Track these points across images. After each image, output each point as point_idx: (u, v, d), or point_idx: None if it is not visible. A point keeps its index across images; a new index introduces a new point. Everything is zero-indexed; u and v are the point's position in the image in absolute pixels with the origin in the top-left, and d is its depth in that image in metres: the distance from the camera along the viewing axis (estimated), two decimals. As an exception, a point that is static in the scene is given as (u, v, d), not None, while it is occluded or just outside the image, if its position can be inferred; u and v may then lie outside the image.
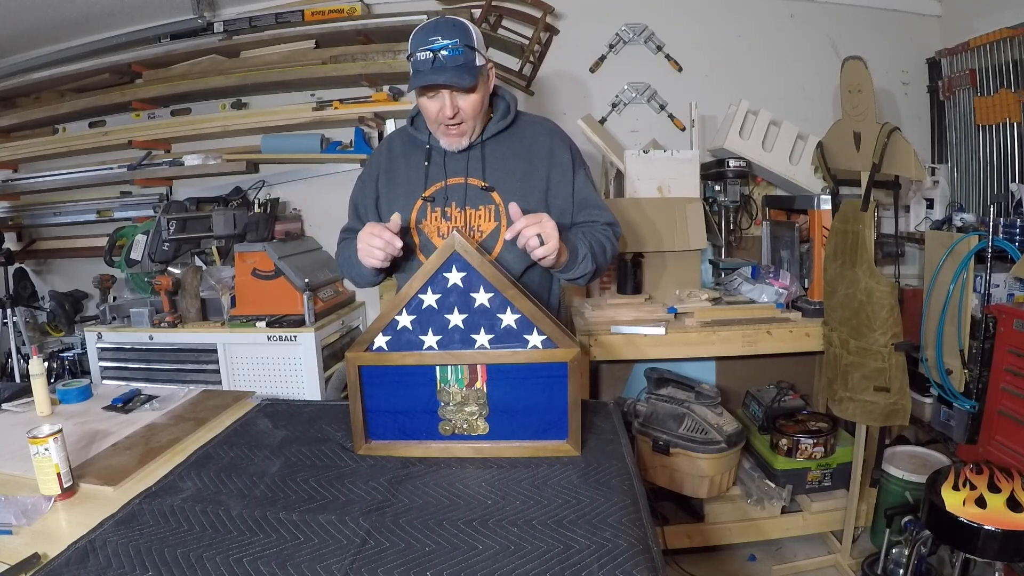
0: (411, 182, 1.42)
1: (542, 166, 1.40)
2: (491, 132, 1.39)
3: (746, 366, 2.57)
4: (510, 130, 1.41)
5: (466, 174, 1.38)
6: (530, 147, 1.40)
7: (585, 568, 0.85)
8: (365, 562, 0.88)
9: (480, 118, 1.36)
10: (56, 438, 1.08)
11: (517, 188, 1.37)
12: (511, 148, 1.40)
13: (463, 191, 1.37)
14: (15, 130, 3.20)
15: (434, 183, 1.39)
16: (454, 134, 1.34)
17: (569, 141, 1.46)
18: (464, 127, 1.33)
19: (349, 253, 1.40)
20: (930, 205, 2.61)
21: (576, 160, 1.43)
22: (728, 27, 2.87)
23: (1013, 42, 2.32)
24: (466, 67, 1.26)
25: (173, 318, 2.58)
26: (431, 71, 1.25)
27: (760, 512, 2.25)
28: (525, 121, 1.44)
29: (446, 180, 1.39)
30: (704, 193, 2.54)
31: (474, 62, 1.27)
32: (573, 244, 1.31)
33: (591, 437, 1.25)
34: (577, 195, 1.42)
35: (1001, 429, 1.76)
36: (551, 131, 1.44)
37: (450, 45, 1.24)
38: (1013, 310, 1.74)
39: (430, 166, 1.40)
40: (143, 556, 0.91)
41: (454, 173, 1.39)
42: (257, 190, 2.92)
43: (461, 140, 1.36)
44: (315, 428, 1.38)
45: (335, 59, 2.69)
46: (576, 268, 1.34)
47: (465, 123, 1.33)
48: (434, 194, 1.39)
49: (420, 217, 1.39)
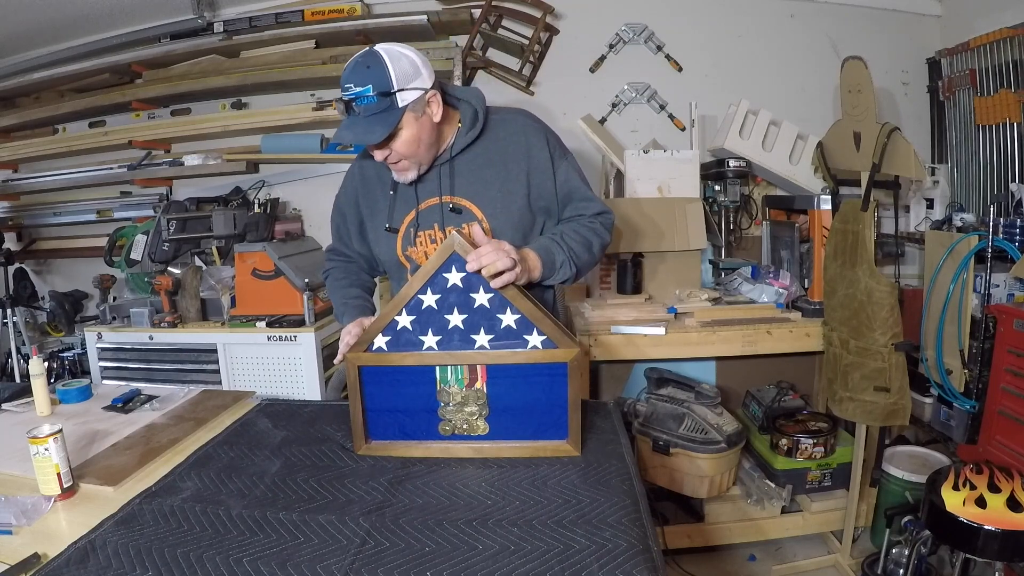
0: (383, 213, 1.38)
1: (520, 169, 1.32)
2: (460, 146, 1.31)
3: (746, 366, 2.57)
4: (481, 138, 1.32)
5: (439, 194, 1.32)
6: (504, 150, 1.32)
7: (585, 568, 0.85)
8: (365, 562, 0.88)
9: (429, 147, 1.27)
10: (56, 438, 1.08)
11: (497, 198, 1.31)
12: (485, 157, 1.32)
13: (439, 212, 1.32)
14: (15, 130, 3.21)
15: (407, 211, 1.35)
16: (401, 172, 1.29)
17: (545, 132, 1.36)
18: (404, 164, 1.27)
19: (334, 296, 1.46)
20: (930, 205, 2.61)
21: (555, 152, 1.34)
22: (728, 27, 2.87)
23: (1013, 42, 2.32)
24: (379, 118, 1.17)
25: (173, 318, 2.58)
26: (343, 125, 1.19)
27: (760, 512, 2.25)
28: (496, 122, 1.34)
29: (417, 206, 1.34)
30: (704, 193, 2.54)
31: (392, 106, 1.17)
32: (548, 253, 1.26)
33: (591, 437, 1.25)
34: (560, 189, 1.35)
35: (1001, 429, 1.76)
36: (524, 127, 1.34)
37: (364, 94, 1.15)
38: (1013, 310, 1.74)
39: (397, 195, 1.35)
40: (143, 556, 0.91)
41: (427, 195, 1.33)
42: (257, 190, 2.92)
43: (408, 175, 1.29)
44: (315, 428, 1.38)
45: (335, 59, 2.69)
46: (555, 275, 1.28)
47: (404, 161, 1.26)
48: (409, 223, 1.35)
49: (405, 245, 1.36)
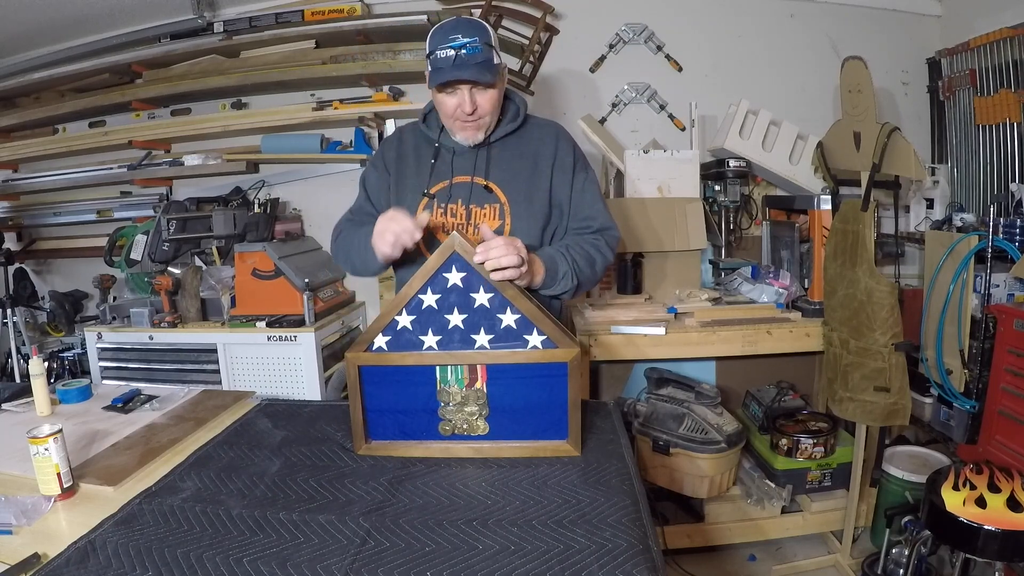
0: (419, 177, 1.43)
1: (546, 166, 1.42)
2: (500, 134, 1.41)
3: (746, 366, 2.57)
4: (517, 132, 1.43)
5: (472, 173, 1.40)
6: (536, 148, 1.43)
7: (585, 568, 0.85)
8: (365, 562, 0.88)
9: (496, 115, 1.38)
10: (56, 438, 1.08)
11: (523, 189, 1.40)
12: (518, 150, 1.43)
13: (468, 189, 1.39)
14: (15, 130, 3.20)
15: (440, 180, 1.41)
16: (471, 128, 1.36)
17: (574, 144, 1.48)
18: (481, 122, 1.36)
19: (354, 238, 1.38)
20: (930, 205, 2.61)
21: (579, 163, 1.45)
22: (728, 27, 2.87)
23: (1013, 42, 2.32)
24: (486, 64, 1.28)
25: (173, 318, 2.58)
26: (452, 67, 1.27)
27: (760, 512, 2.25)
28: (533, 124, 1.47)
29: (452, 178, 1.41)
30: (704, 193, 2.54)
31: (492, 60, 1.30)
32: (553, 262, 1.29)
33: (591, 437, 1.25)
34: (575, 196, 1.44)
35: (1001, 429, 1.76)
36: (557, 134, 1.47)
37: (469, 43, 1.26)
38: (1013, 310, 1.74)
39: (437, 163, 1.42)
40: (143, 556, 0.91)
41: (461, 171, 1.41)
42: (257, 190, 2.92)
43: (478, 134, 1.38)
44: (315, 428, 1.38)
45: (335, 59, 2.69)
46: (556, 285, 1.31)
47: (483, 118, 1.35)
48: (439, 192, 1.41)
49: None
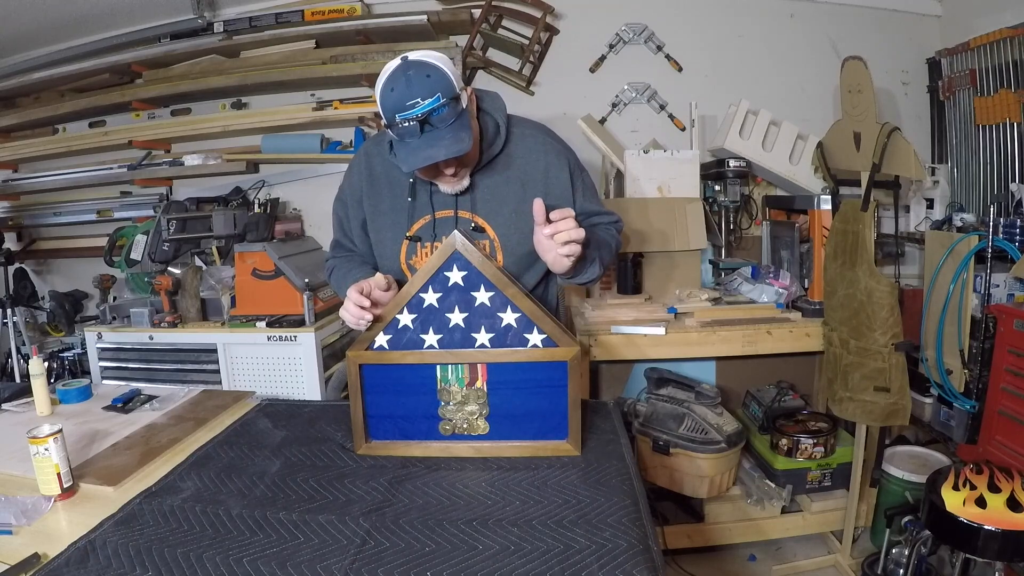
0: (396, 213, 1.33)
1: (536, 191, 1.27)
2: (483, 162, 1.29)
3: (746, 366, 2.57)
4: (502, 153, 1.30)
5: (455, 207, 1.30)
6: (523, 169, 1.30)
7: (585, 568, 0.85)
8: (365, 562, 0.88)
9: (476, 152, 1.26)
10: (56, 438, 1.08)
11: (511, 219, 1.30)
12: (503, 176, 1.30)
13: (452, 225, 1.29)
14: (15, 130, 3.20)
15: (421, 216, 1.32)
16: (454, 181, 1.26)
17: (565, 153, 1.35)
18: (464, 171, 1.26)
19: (342, 283, 1.34)
20: (930, 205, 2.61)
21: (575, 175, 1.34)
22: (728, 27, 2.87)
23: (1013, 42, 2.31)
24: (460, 124, 1.12)
25: (173, 318, 2.58)
26: (423, 145, 1.11)
27: (760, 512, 2.25)
28: (516, 136, 1.32)
29: (434, 214, 1.31)
30: (704, 193, 2.53)
31: (462, 109, 1.13)
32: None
33: (591, 437, 1.25)
34: (579, 211, 1.32)
35: (1001, 429, 1.76)
36: (545, 147, 1.32)
37: (435, 104, 1.09)
38: (1013, 310, 1.74)
39: (415, 203, 1.31)
40: (143, 556, 0.91)
41: (443, 206, 1.31)
42: (257, 190, 2.92)
43: (462, 183, 1.27)
44: (315, 428, 1.38)
45: (335, 59, 2.69)
46: (583, 274, 1.28)
47: (466, 167, 1.25)
48: (421, 230, 1.32)
49: (410, 253, 1.35)
